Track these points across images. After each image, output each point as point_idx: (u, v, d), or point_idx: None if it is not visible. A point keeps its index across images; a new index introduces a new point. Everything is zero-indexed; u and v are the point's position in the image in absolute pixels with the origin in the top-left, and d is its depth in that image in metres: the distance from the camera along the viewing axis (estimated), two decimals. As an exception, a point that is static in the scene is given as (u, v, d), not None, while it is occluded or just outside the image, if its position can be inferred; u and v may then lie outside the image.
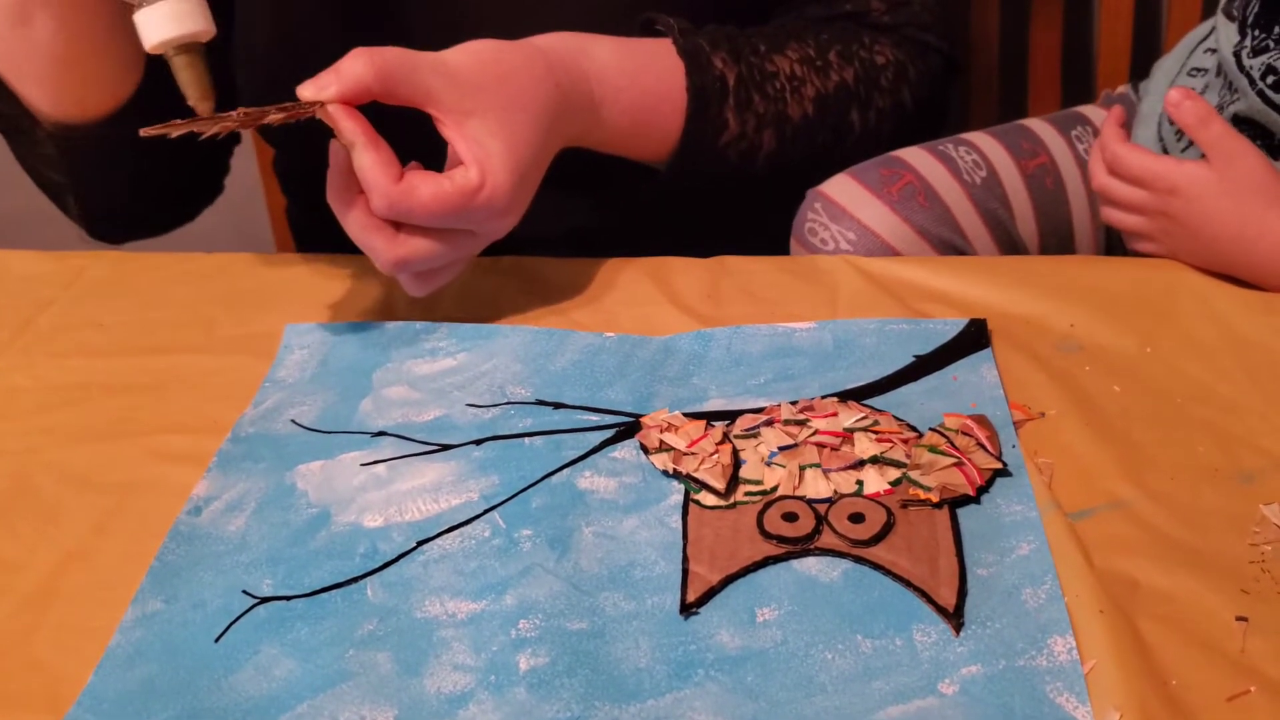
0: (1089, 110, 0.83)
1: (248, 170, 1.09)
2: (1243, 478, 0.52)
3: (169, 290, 0.68)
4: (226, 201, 0.84)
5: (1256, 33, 0.65)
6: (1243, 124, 0.66)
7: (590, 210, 0.77)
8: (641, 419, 0.56)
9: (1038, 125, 0.80)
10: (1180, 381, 0.57)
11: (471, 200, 0.59)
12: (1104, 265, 0.68)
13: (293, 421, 0.58)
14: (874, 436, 0.53)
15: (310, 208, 0.87)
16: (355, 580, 0.49)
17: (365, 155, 0.57)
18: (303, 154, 0.73)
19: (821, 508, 0.50)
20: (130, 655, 0.46)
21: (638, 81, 0.68)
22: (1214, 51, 0.71)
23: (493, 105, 0.60)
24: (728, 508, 0.51)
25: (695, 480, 0.52)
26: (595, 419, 0.57)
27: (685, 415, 0.56)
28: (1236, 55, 0.66)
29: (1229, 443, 0.54)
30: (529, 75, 0.62)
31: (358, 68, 0.58)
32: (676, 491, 0.52)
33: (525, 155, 0.61)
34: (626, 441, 0.55)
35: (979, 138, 0.78)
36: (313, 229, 0.89)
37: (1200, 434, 0.54)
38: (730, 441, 0.54)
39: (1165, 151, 0.71)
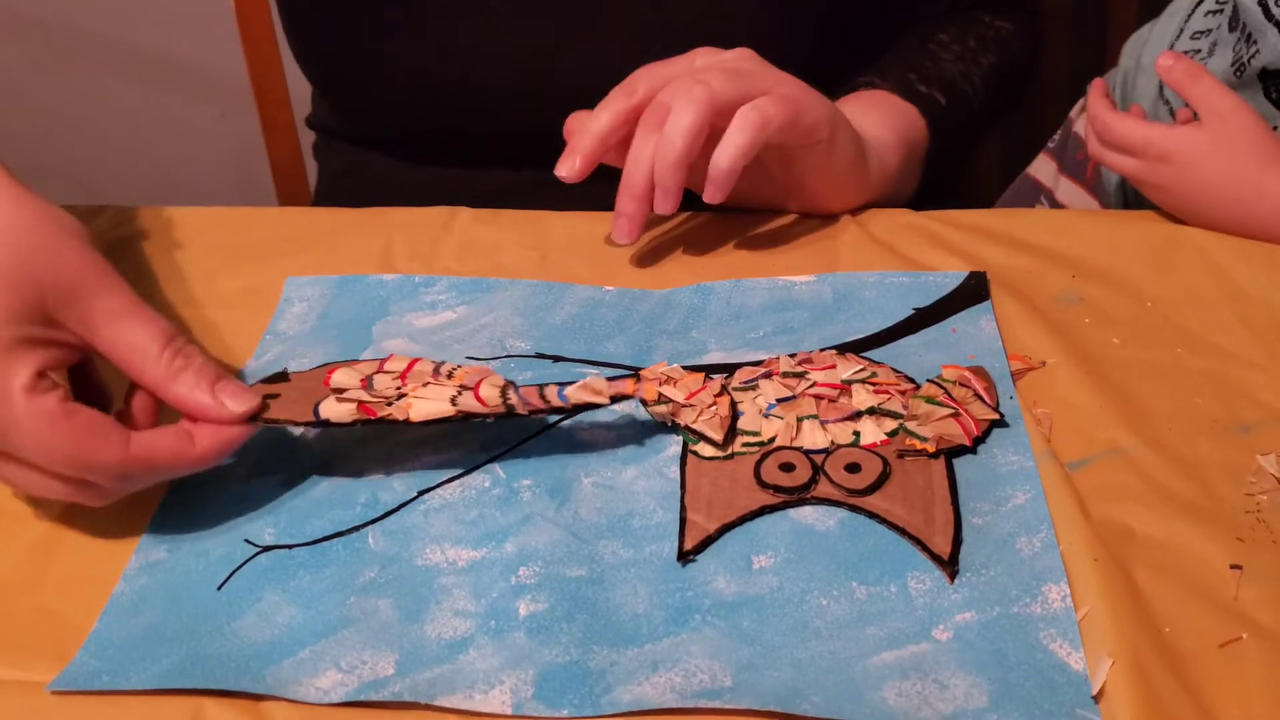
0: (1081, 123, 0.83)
1: (249, 125, 1.09)
2: (1241, 429, 0.52)
3: (170, 245, 0.68)
4: (228, 157, 0.84)
5: None
6: (1272, 77, 0.65)
7: None
8: (640, 372, 0.56)
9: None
10: (1179, 334, 0.57)
11: None
12: (1105, 218, 0.68)
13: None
14: (871, 388, 0.53)
15: (343, 174, 0.88)
16: (356, 529, 0.49)
17: None
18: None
19: (818, 458, 0.51)
20: (134, 602, 0.47)
21: (897, 137, 0.70)
22: (1217, 12, 0.70)
23: None
24: (725, 459, 0.51)
25: (693, 432, 0.52)
26: (594, 372, 0.57)
27: (684, 368, 0.56)
28: (1263, 5, 0.65)
29: (1227, 395, 0.54)
30: None
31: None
32: (675, 443, 0.53)
33: None
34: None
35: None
36: (343, 183, 0.89)
37: (1199, 386, 0.54)
38: (728, 394, 0.54)
39: (1173, 118, 0.71)
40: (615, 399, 0.51)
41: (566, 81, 0.67)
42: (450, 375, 0.52)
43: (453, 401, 0.50)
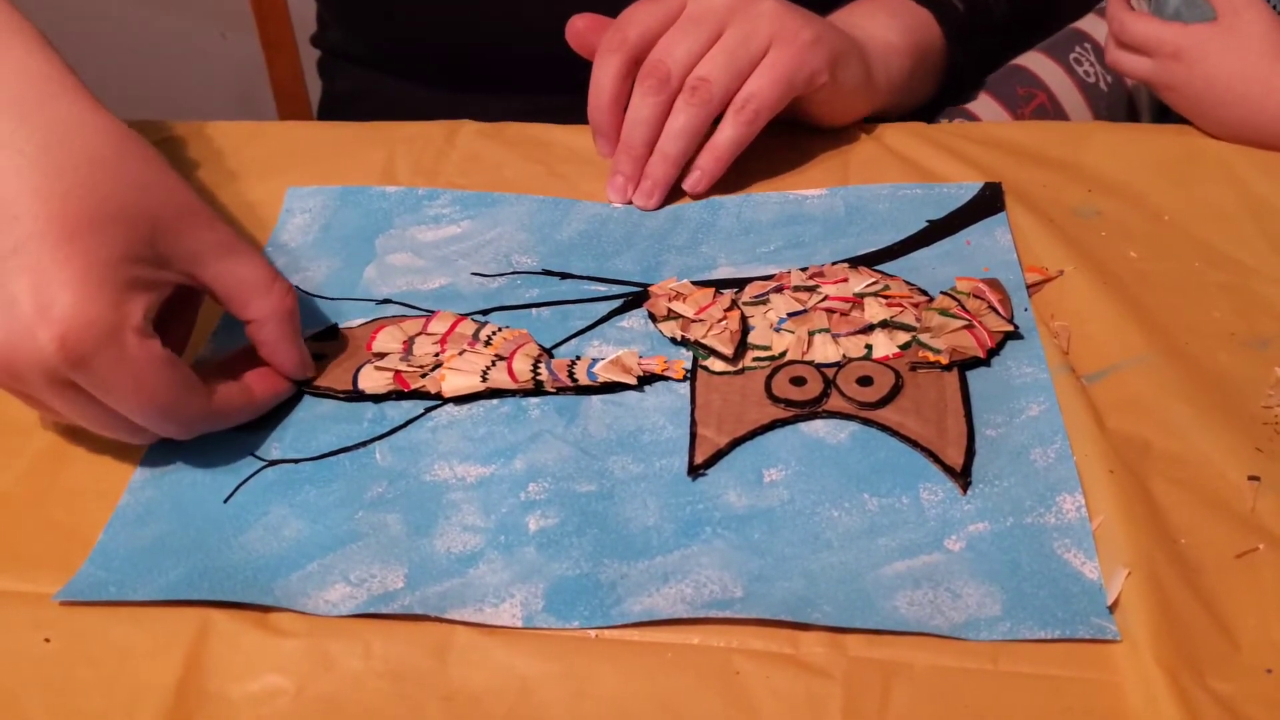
0: (1086, 23, 0.80)
1: (249, 42, 1.07)
2: (1259, 343, 0.51)
3: (171, 158, 0.67)
4: (229, 73, 0.82)
5: None
6: None
7: None
8: (650, 288, 0.55)
9: (1033, 60, 0.79)
10: (1198, 247, 0.56)
11: None
12: (1123, 130, 0.67)
13: (297, 288, 0.57)
14: (884, 301, 0.53)
15: (349, 96, 0.86)
16: (363, 444, 0.49)
17: None
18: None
19: (830, 371, 0.50)
20: (140, 515, 0.47)
21: (907, 42, 0.68)
22: None
23: None
24: (735, 373, 0.51)
25: (703, 347, 0.52)
26: (603, 289, 0.56)
27: (693, 283, 0.55)
28: None
29: (1247, 308, 0.53)
30: None
31: None
32: (685, 358, 0.52)
33: None
34: (634, 311, 0.55)
35: (973, 101, 0.78)
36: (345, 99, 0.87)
37: (1217, 299, 0.53)
38: (738, 308, 0.53)
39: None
40: (645, 379, 0.50)
41: (576, 9, 0.65)
42: (488, 342, 0.52)
43: (484, 376, 0.50)
